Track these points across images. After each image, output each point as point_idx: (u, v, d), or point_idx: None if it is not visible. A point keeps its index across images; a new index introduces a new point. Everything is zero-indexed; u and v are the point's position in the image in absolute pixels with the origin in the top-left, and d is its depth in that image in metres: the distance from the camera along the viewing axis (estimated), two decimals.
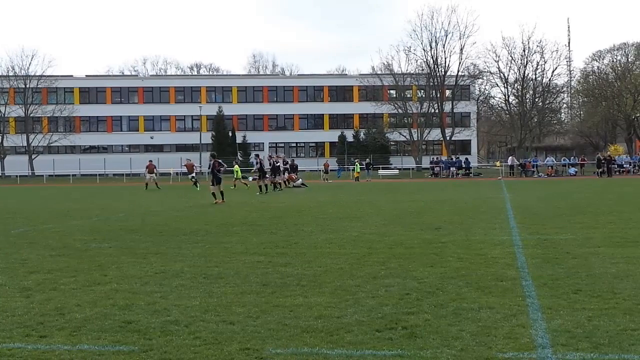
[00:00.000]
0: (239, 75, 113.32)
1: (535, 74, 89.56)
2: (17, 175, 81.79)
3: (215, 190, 29.77)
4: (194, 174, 50.93)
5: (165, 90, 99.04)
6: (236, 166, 48.73)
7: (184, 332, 7.32)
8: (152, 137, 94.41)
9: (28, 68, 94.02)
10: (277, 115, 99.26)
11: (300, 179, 48.93)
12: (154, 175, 49.60)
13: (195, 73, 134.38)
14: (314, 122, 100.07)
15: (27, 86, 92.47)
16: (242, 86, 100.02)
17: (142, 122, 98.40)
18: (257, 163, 41.05)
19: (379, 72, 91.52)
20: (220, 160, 30.74)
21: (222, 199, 29.42)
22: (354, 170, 66.08)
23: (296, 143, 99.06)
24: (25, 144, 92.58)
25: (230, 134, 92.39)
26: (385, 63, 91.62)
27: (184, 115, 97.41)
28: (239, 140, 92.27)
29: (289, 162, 49.61)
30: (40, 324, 7.76)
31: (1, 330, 7.51)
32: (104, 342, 7.00)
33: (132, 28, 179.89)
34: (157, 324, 7.69)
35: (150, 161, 51.11)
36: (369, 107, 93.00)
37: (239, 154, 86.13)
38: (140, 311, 8.33)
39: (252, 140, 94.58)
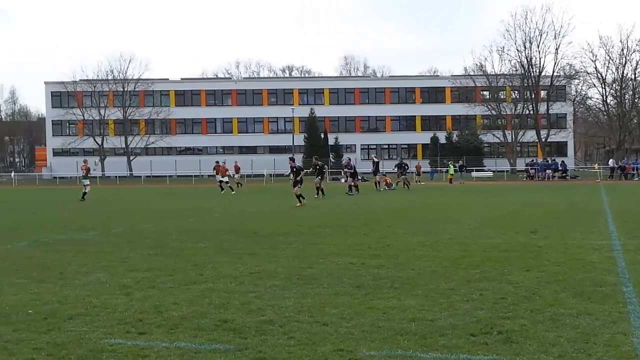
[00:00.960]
0: (331, 77, 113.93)
1: (635, 74, 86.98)
2: (116, 176, 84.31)
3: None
4: (226, 178, 47.07)
5: (258, 92, 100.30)
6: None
7: (278, 332, 7.38)
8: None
9: (126, 72, 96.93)
10: (368, 117, 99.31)
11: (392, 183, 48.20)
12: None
13: (288, 75, 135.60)
14: (406, 123, 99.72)
15: (125, 89, 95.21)
16: (333, 88, 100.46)
17: (236, 124, 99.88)
18: (346, 165, 41.03)
19: (472, 73, 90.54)
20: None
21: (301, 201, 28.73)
22: (447, 172, 65.46)
23: (388, 145, 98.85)
24: (123, 145, 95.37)
25: (322, 135, 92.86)
26: (478, 64, 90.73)
27: (277, 117, 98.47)
28: (331, 142, 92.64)
29: (354, 165, 46.29)
30: (139, 321, 7.96)
31: (103, 327, 7.73)
32: (201, 340, 7.12)
33: (225, 31, 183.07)
34: (252, 323, 7.78)
35: (217, 162, 48.18)
36: (461, 109, 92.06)
37: (331, 155, 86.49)
38: (236, 310, 8.45)
39: (344, 142, 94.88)
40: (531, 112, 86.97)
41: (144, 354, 6.68)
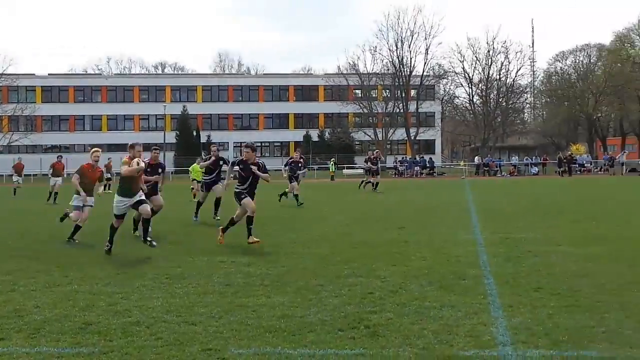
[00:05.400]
0: (204, 74, 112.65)
1: (500, 74, 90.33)
2: None
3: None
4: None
5: (130, 89, 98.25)
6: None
7: (146, 333, 7.27)
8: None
9: None
10: (242, 114, 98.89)
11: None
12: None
13: (160, 72, 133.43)
14: (279, 121, 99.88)
15: None
16: (207, 85, 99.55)
17: (105, 121, 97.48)
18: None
19: (345, 72, 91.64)
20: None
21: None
22: (329, 169, 66.13)
23: (261, 143, 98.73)
24: None
25: (194, 133, 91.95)
26: (351, 63, 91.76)
27: (148, 115, 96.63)
28: (203, 139, 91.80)
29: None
30: None
31: None
32: (64, 344, 6.92)
33: (96, 27, 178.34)
34: (118, 325, 7.63)
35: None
36: (334, 107, 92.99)
37: (203, 153, 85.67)
38: (101, 312, 8.26)
39: (217, 139, 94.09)
40: (401, 110, 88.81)
41: None
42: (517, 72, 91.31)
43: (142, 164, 13.78)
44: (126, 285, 9.94)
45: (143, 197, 13.85)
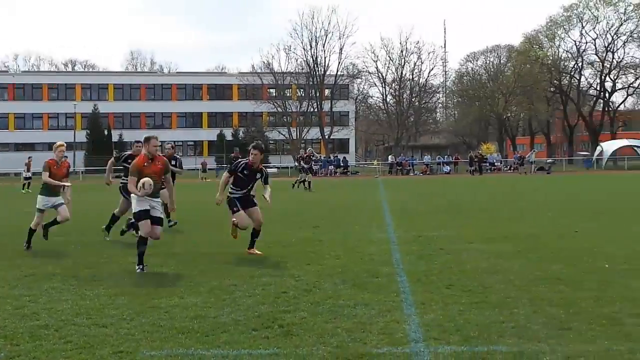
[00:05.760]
0: (116, 72, 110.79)
1: (412, 74, 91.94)
2: None
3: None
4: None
5: (38, 87, 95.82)
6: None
7: (54, 337, 7.08)
8: None
9: None
10: (154, 113, 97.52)
11: None
12: None
13: (70, 70, 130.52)
14: (193, 120, 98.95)
15: None
16: (118, 83, 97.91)
17: (12, 120, 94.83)
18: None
19: (259, 71, 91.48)
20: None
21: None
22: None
23: (174, 142, 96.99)
24: None
25: (106, 132, 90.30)
26: (265, 62, 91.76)
27: (57, 113, 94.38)
28: (114, 139, 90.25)
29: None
30: None
31: None
32: None
33: (1, 23, 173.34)
34: (25, 328, 7.42)
35: None
36: (248, 106, 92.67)
37: (114, 152, 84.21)
38: (8, 316, 8.02)
39: (129, 138, 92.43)
40: (316, 109, 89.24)
41: None
42: (429, 72, 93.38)
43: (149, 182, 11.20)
44: (34, 287, 9.67)
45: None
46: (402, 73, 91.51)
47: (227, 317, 7.79)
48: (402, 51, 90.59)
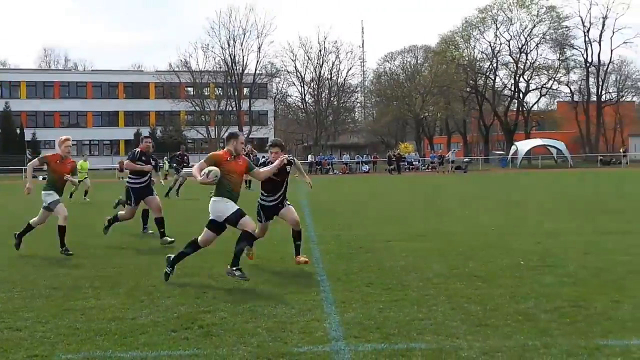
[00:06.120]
0: (28, 69, 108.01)
1: (331, 74, 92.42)
2: None
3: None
4: None
5: None
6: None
7: None
8: None
9: None
10: (69, 111, 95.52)
11: None
12: None
13: None
14: (109, 119, 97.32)
15: None
16: (31, 81, 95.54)
17: None
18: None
19: (177, 69, 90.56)
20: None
21: None
22: (162, 167, 65.32)
23: (89, 141, 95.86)
24: None
25: (18, 131, 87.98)
26: (183, 60, 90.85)
27: None
28: (27, 137, 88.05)
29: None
30: None
31: None
32: None
33: None
34: None
35: None
36: (166, 104, 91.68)
37: (28, 152, 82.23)
38: None
39: (43, 137, 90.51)
40: (234, 108, 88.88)
41: None
42: (347, 71, 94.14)
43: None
44: None
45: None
46: (320, 72, 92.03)
47: (146, 319, 7.68)
48: (320, 51, 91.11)
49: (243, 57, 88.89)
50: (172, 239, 13.86)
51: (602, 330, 7.00)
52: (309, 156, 79.15)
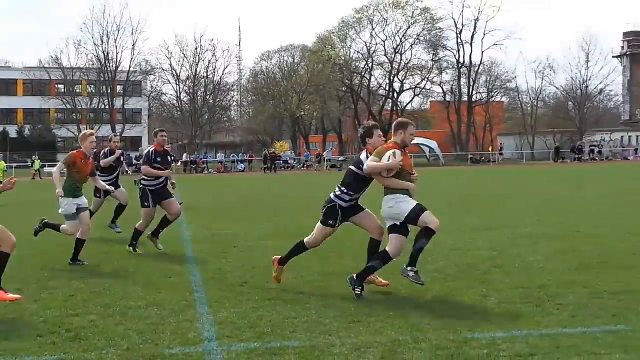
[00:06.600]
0: None
1: (207, 72, 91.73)
2: None
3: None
4: None
5: None
6: None
7: None
8: None
9: None
10: None
11: None
12: None
13: None
14: None
15: None
16: None
17: None
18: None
19: (47, 66, 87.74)
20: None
21: None
22: (31, 166, 63.57)
23: None
24: None
25: None
26: (54, 56, 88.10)
27: None
28: None
29: None
30: None
31: None
32: None
33: None
34: None
35: None
36: (35, 102, 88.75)
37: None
38: None
39: None
40: (107, 106, 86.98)
41: None
42: (224, 69, 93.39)
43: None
44: None
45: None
46: (196, 70, 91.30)
47: (10, 324, 7.40)
48: (196, 48, 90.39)
49: (117, 53, 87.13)
50: (161, 247, 12.86)
51: (470, 323, 7.20)
52: (184, 155, 78.25)
